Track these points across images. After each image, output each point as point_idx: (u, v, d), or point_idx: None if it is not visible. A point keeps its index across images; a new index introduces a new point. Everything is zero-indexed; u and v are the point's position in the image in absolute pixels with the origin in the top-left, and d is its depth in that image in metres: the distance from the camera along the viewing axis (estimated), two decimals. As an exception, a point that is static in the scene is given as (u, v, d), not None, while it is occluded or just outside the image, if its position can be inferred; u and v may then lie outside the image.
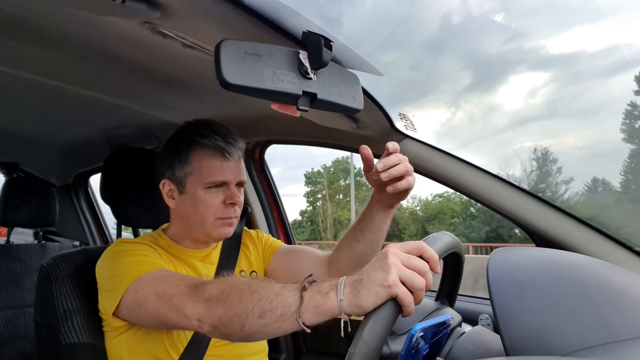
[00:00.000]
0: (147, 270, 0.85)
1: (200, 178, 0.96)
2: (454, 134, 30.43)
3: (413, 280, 0.56)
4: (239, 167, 1.00)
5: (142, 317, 0.83)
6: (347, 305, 0.58)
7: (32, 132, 1.69)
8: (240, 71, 0.58)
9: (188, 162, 0.97)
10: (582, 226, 1.01)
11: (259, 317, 0.64)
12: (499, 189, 1.08)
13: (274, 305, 0.63)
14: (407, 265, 0.58)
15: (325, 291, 0.61)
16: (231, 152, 0.97)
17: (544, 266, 0.67)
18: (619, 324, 0.56)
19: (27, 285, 1.71)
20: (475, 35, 30.96)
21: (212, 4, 0.66)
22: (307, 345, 1.54)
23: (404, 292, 0.55)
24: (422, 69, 28.84)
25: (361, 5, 4.16)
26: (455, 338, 0.81)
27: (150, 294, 0.80)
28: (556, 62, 31.08)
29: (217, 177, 0.96)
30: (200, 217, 0.97)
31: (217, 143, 0.96)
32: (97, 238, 2.33)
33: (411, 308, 0.56)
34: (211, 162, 0.96)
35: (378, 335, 0.54)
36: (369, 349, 0.53)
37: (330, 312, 0.59)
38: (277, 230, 1.68)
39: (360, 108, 0.74)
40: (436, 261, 0.61)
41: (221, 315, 0.68)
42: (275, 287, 0.65)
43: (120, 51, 0.91)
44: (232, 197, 0.97)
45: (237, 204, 0.99)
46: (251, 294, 0.66)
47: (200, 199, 0.97)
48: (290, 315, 0.61)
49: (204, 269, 1.03)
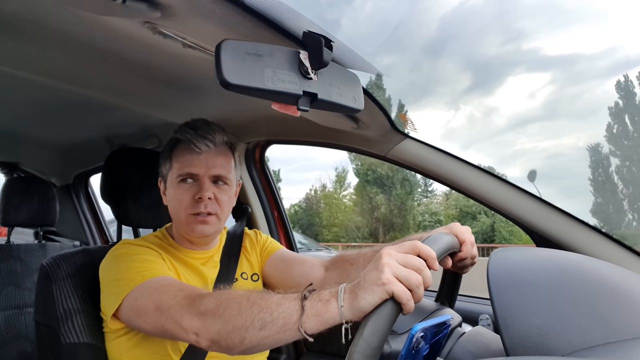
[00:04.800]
0: (149, 277, 0.84)
1: (174, 172, 0.98)
2: (454, 136, 30.54)
3: (409, 278, 0.57)
4: (214, 160, 0.97)
5: (140, 326, 0.83)
6: (347, 311, 0.58)
7: (32, 132, 1.70)
8: (240, 71, 0.58)
9: (169, 158, 1.00)
10: (583, 226, 1.01)
11: (259, 329, 0.63)
12: (499, 188, 1.08)
13: (275, 317, 0.62)
14: (402, 263, 0.58)
15: (326, 299, 0.61)
16: (199, 144, 0.95)
17: (544, 266, 0.67)
18: (619, 324, 0.56)
19: (27, 285, 1.71)
20: (474, 37, 31.01)
21: (213, 4, 0.66)
22: (307, 345, 1.54)
23: (401, 289, 0.56)
24: (422, 71, 28.83)
25: (360, 8, 4.18)
26: (456, 338, 0.81)
27: (149, 303, 0.79)
28: (555, 63, 31.21)
29: (184, 170, 0.96)
30: (175, 213, 0.99)
31: (187, 136, 0.97)
32: (97, 238, 2.33)
33: (410, 305, 0.56)
34: (182, 156, 0.98)
35: (379, 333, 0.54)
36: (370, 347, 0.53)
37: (332, 319, 0.59)
38: (277, 229, 1.68)
39: (360, 108, 0.74)
40: (433, 259, 0.61)
41: (219, 330, 0.67)
42: (275, 297, 0.65)
43: (121, 51, 0.91)
44: (200, 191, 0.95)
45: (204, 199, 0.95)
46: (250, 306, 0.65)
47: (173, 194, 0.99)
48: (292, 325, 0.61)
49: (208, 272, 1.03)
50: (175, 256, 1.00)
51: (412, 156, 1.16)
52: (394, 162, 1.22)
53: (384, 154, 1.21)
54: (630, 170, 20.63)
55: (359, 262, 0.97)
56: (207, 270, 1.03)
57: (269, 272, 1.12)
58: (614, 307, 0.59)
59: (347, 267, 0.99)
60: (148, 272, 0.86)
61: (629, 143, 20.78)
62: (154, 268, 0.88)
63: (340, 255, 1.04)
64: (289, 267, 1.09)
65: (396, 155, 1.18)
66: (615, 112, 21.47)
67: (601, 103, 26.87)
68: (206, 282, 1.02)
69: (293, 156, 42.70)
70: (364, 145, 1.26)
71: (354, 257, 0.99)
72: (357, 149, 1.31)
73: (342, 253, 1.04)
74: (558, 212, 1.03)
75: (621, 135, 21.08)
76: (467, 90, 34.46)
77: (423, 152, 1.15)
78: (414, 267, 0.58)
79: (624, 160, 20.56)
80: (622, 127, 21.20)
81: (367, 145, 1.25)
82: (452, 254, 0.79)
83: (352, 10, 15.22)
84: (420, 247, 0.61)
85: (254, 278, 1.11)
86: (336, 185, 29.08)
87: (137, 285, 0.83)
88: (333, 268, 1.03)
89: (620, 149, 20.90)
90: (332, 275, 1.01)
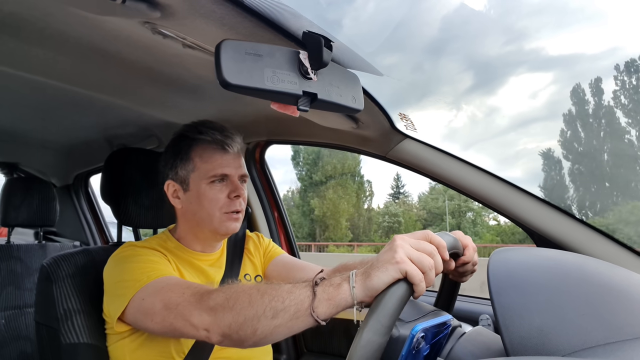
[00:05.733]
0: (155, 277, 0.84)
1: (203, 173, 0.98)
2: (456, 136, 30.77)
3: (422, 259, 0.58)
4: (239, 161, 1.01)
5: (147, 326, 0.82)
6: (359, 291, 0.59)
7: (32, 132, 1.70)
8: (240, 71, 0.58)
9: (189, 159, 0.99)
10: (583, 226, 1.01)
11: (271, 317, 0.63)
12: (499, 188, 1.08)
13: (287, 304, 0.63)
14: (415, 247, 0.60)
15: (337, 283, 0.62)
16: (230, 144, 0.98)
17: (544, 266, 0.67)
18: (620, 324, 0.56)
19: (27, 285, 1.71)
20: (476, 37, 31.14)
21: (213, 4, 0.66)
22: (307, 345, 1.54)
23: (413, 268, 0.57)
24: (424, 71, 28.91)
25: (362, 7, 4.20)
26: (456, 338, 0.81)
27: (157, 302, 0.79)
28: (557, 63, 31.31)
29: (218, 170, 0.97)
30: (206, 212, 0.98)
31: (215, 137, 0.98)
32: (97, 238, 2.33)
33: (422, 286, 0.57)
34: (212, 157, 0.98)
35: (390, 312, 0.54)
36: (381, 325, 0.53)
37: (344, 301, 0.60)
38: (277, 230, 1.68)
39: (360, 108, 0.74)
40: (444, 247, 0.63)
41: (230, 323, 0.67)
42: (286, 286, 0.65)
43: (121, 51, 0.91)
44: (236, 190, 0.98)
45: (242, 197, 0.99)
46: (261, 296, 0.65)
47: (205, 194, 0.98)
48: (304, 311, 0.61)
49: (214, 274, 1.03)
50: (181, 258, 1.00)
51: (412, 156, 1.16)
52: (394, 162, 1.22)
53: (384, 154, 1.21)
54: (580, 172, 21.92)
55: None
56: (213, 272, 1.03)
57: (271, 276, 1.12)
58: (615, 307, 0.58)
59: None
60: (153, 272, 0.86)
61: (580, 148, 22.11)
62: (160, 268, 0.88)
63: (342, 264, 1.04)
64: (290, 273, 1.09)
65: (396, 155, 1.18)
66: (569, 118, 23.81)
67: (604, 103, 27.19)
68: (212, 283, 1.02)
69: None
70: (363, 145, 1.26)
71: (356, 266, 0.99)
72: (356, 149, 1.31)
73: (344, 262, 1.04)
74: (558, 212, 1.03)
75: (572, 140, 22.99)
76: (469, 90, 34.54)
77: (423, 152, 1.15)
78: (426, 251, 0.60)
79: (574, 164, 21.96)
80: (573, 132, 23.42)
81: (366, 145, 1.25)
82: (456, 256, 0.79)
83: (354, 10, 15.26)
84: (432, 235, 0.63)
85: (258, 280, 1.11)
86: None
87: (143, 286, 0.83)
88: (334, 276, 1.02)
89: (571, 153, 22.69)
90: None
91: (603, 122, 23.36)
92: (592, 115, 23.37)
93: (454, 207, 29.58)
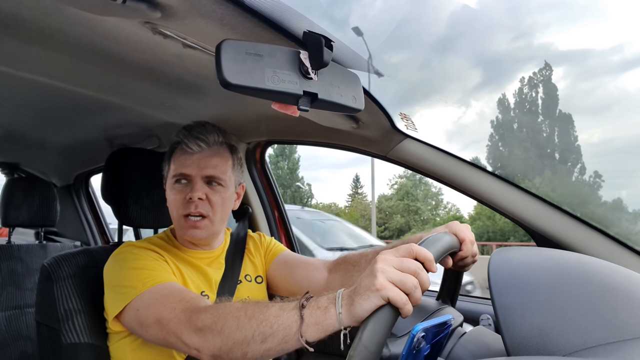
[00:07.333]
0: (150, 285, 0.85)
1: (170, 174, 1.00)
2: (463, 133, 31.00)
3: (404, 281, 0.57)
4: (207, 161, 0.97)
5: (143, 336, 0.84)
6: (345, 318, 0.59)
7: (33, 133, 1.70)
8: (241, 71, 0.58)
9: (168, 160, 1.02)
10: (584, 226, 1.00)
11: (261, 342, 0.64)
12: (500, 188, 1.08)
13: (275, 329, 0.63)
14: (397, 267, 0.58)
15: (324, 306, 0.61)
16: (191, 144, 0.96)
17: (545, 266, 0.67)
18: (621, 324, 0.55)
19: (28, 285, 1.71)
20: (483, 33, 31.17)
21: (213, 4, 0.66)
22: (308, 345, 1.54)
23: (396, 293, 0.56)
24: (431, 68, 28.95)
25: (370, 5, 4.18)
26: (457, 338, 0.81)
27: (150, 316, 0.80)
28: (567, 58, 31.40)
29: (177, 170, 0.98)
30: (171, 214, 1.00)
31: (182, 138, 0.98)
32: (98, 238, 2.33)
33: (407, 308, 0.56)
34: (177, 157, 0.99)
35: (377, 338, 0.54)
36: (368, 352, 0.53)
37: (331, 327, 0.60)
38: (277, 230, 1.68)
39: (361, 108, 0.74)
40: (430, 261, 0.61)
41: (220, 346, 0.67)
42: (273, 309, 0.65)
43: (121, 51, 0.91)
44: (191, 192, 0.95)
45: (194, 200, 0.95)
46: (249, 320, 0.65)
47: (168, 195, 1.01)
48: (293, 335, 0.61)
49: (212, 273, 1.03)
50: (180, 257, 1.00)
51: (413, 156, 1.16)
52: (395, 162, 1.22)
53: (385, 153, 1.21)
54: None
55: (361, 264, 0.98)
56: (212, 272, 1.03)
57: (273, 274, 1.12)
58: (615, 306, 0.58)
59: (350, 269, 1.00)
60: (149, 280, 0.86)
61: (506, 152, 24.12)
62: (156, 275, 0.88)
63: (343, 257, 1.04)
64: (293, 269, 1.09)
65: (396, 155, 1.18)
66: (496, 125, 25.73)
67: (614, 99, 27.40)
68: (210, 283, 1.02)
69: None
70: (364, 145, 1.26)
71: (356, 259, 1.00)
72: (357, 148, 1.31)
73: (345, 254, 1.04)
74: (559, 211, 1.03)
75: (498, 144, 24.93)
76: (477, 87, 34.56)
77: (423, 152, 1.14)
78: (409, 270, 0.58)
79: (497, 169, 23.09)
80: (499, 137, 25.32)
81: (367, 145, 1.25)
82: (453, 254, 0.79)
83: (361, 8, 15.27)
84: (417, 250, 0.61)
85: (258, 280, 1.11)
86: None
87: (138, 295, 0.83)
88: (336, 270, 1.03)
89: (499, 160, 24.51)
90: (335, 278, 1.01)
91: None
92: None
93: (404, 206, 30.49)
